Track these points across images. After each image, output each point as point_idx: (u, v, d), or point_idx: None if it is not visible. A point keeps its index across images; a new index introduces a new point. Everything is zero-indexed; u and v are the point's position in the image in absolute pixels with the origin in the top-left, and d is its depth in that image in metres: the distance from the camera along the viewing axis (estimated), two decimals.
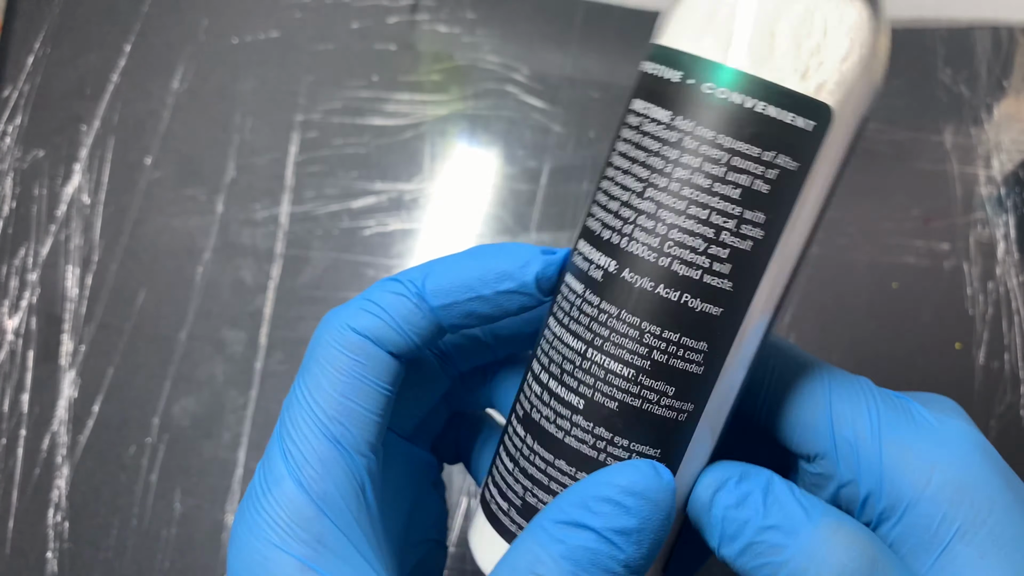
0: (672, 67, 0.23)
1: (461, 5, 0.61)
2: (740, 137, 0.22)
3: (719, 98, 0.22)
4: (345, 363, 0.27)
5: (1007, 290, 0.56)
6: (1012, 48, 0.61)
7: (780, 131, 0.22)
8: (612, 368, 0.24)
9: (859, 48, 0.22)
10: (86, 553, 0.50)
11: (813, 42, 0.22)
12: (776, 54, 0.21)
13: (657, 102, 0.23)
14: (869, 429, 0.26)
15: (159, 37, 0.60)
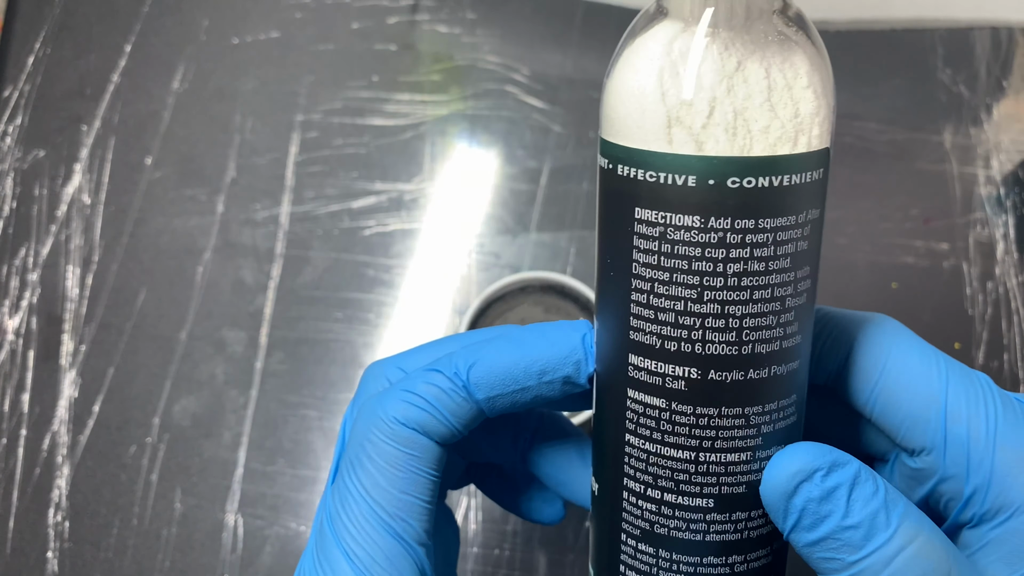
0: (677, 171, 0.22)
1: (461, 5, 0.61)
2: (779, 214, 0.22)
3: (748, 188, 0.22)
4: (400, 458, 0.27)
5: (1006, 290, 0.56)
6: (1012, 48, 0.61)
7: (805, 191, 0.23)
8: (730, 460, 0.24)
9: (819, 87, 0.23)
10: (86, 552, 0.50)
11: (791, 108, 0.22)
12: (773, 130, 0.22)
13: (676, 209, 0.22)
14: (984, 430, 0.25)
15: (159, 37, 0.60)
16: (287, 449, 0.52)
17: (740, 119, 0.22)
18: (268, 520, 0.51)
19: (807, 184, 0.23)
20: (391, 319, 0.55)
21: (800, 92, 0.22)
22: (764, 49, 0.22)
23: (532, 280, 0.48)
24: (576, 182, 0.57)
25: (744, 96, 0.22)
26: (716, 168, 0.22)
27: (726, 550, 0.25)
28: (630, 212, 0.23)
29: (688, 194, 0.22)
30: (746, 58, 0.22)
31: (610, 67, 0.24)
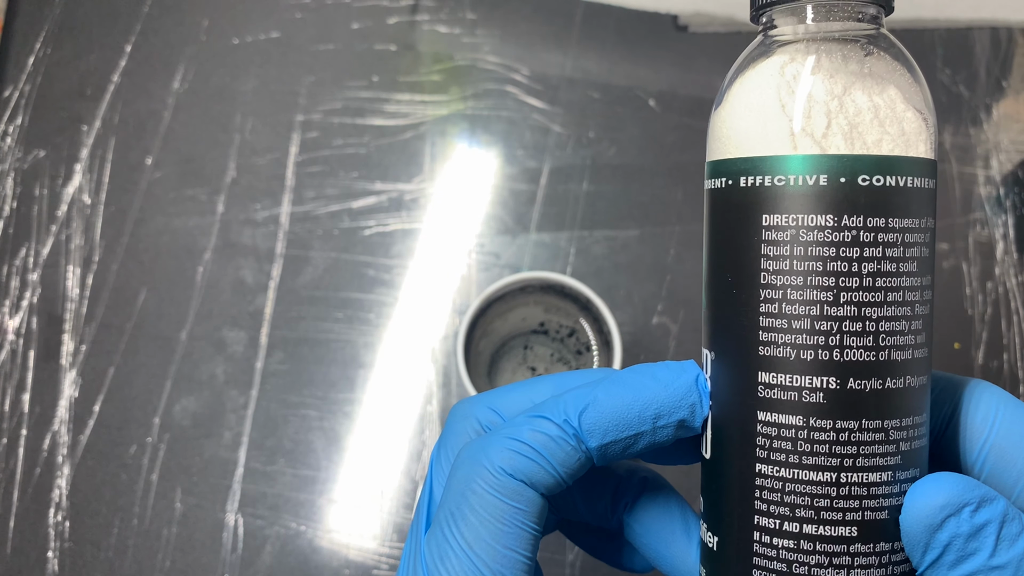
0: (808, 172, 0.23)
1: (461, 6, 0.61)
2: (906, 215, 0.23)
3: (877, 186, 0.23)
4: (505, 511, 0.25)
5: (1006, 290, 0.56)
6: (1011, 48, 0.61)
7: (925, 196, 0.24)
8: (872, 480, 0.23)
9: (920, 108, 0.25)
10: (87, 552, 0.50)
11: (897, 126, 0.24)
12: (885, 143, 0.24)
13: (809, 210, 0.23)
14: None
15: (160, 37, 0.60)
16: (287, 449, 0.52)
17: (855, 131, 0.23)
18: (268, 520, 0.51)
19: (925, 190, 0.24)
20: (391, 319, 0.55)
21: (902, 113, 0.24)
22: (863, 80, 0.24)
23: (532, 280, 0.48)
24: (576, 182, 0.57)
25: (855, 112, 0.23)
26: (845, 165, 0.23)
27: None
28: (757, 221, 0.24)
29: (820, 193, 0.23)
30: (850, 85, 0.24)
31: (721, 95, 0.26)
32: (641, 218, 0.57)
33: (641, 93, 0.59)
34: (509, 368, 0.52)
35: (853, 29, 0.25)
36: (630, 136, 0.58)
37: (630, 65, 0.60)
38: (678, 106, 0.59)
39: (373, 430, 0.53)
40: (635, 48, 0.60)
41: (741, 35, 0.60)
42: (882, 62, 0.25)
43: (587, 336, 0.50)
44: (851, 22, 0.25)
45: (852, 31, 0.25)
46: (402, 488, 0.52)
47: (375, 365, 0.54)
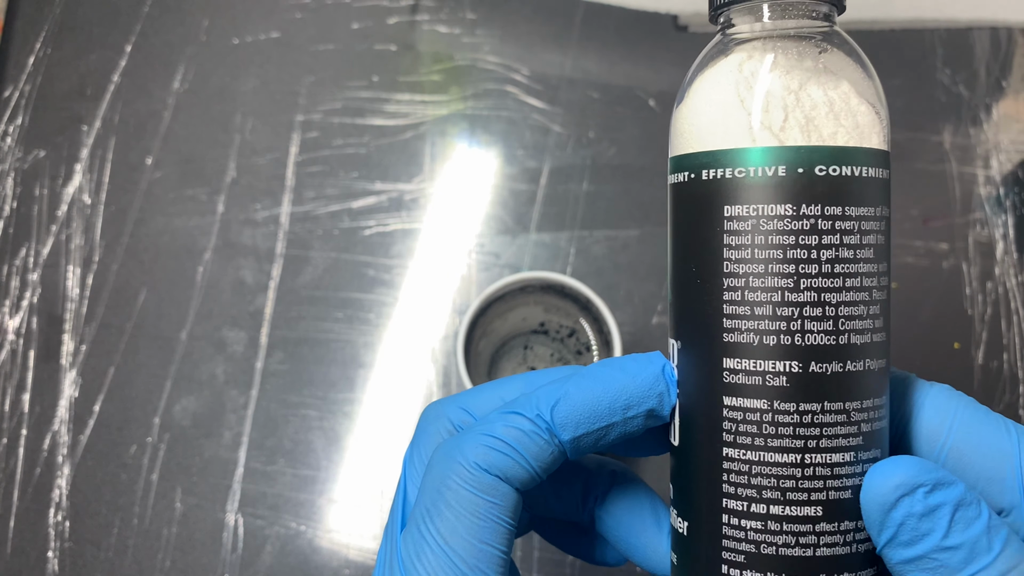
0: (767, 163, 0.24)
1: (461, 6, 0.61)
2: (862, 203, 0.24)
3: (834, 176, 0.24)
4: (481, 506, 0.26)
5: (1006, 290, 0.56)
6: (1011, 48, 0.61)
7: (879, 186, 0.25)
8: (835, 460, 0.24)
9: (872, 102, 0.26)
10: (87, 552, 0.50)
11: (851, 119, 0.25)
12: (840, 135, 0.25)
13: (769, 199, 0.24)
14: None
15: (160, 38, 0.60)
16: (287, 449, 0.52)
17: (812, 124, 0.24)
18: (268, 520, 0.51)
19: (879, 180, 0.25)
20: (391, 319, 0.55)
21: (856, 106, 0.25)
22: (818, 75, 0.25)
23: (532, 280, 0.48)
24: (576, 182, 0.57)
25: (810, 107, 0.25)
26: (803, 156, 0.24)
27: (835, 567, 0.24)
28: (719, 212, 0.25)
29: (779, 183, 0.24)
30: (806, 80, 0.25)
31: (682, 93, 0.27)
32: (641, 218, 0.57)
33: (641, 93, 0.59)
34: (509, 368, 0.52)
35: (807, 26, 0.26)
36: (630, 136, 0.58)
37: (630, 65, 0.60)
38: None
39: (373, 430, 0.53)
40: (635, 48, 0.60)
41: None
42: (836, 58, 0.26)
43: (587, 336, 0.50)
44: (805, 20, 0.26)
45: (806, 28, 0.26)
46: None
47: (375, 365, 0.54)
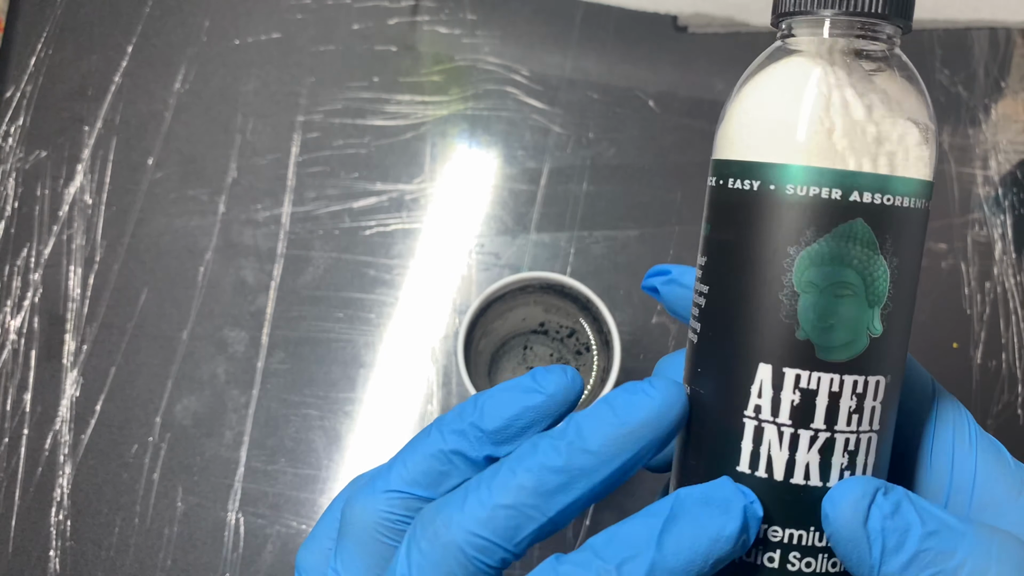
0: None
1: (461, 6, 0.61)
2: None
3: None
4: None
5: (1004, 290, 0.56)
6: (1010, 49, 0.62)
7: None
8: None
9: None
10: (88, 551, 0.50)
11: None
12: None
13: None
14: (967, 440, 0.26)
15: (161, 38, 0.60)
16: (288, 448, 0.53)
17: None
18: (269, 519, 0.51)
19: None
20: (392, 319, 0.55)
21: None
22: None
23: (532, 280, 0.49)
24: (576, 182, 0.58)
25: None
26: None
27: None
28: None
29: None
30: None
31: (734, 95, 0.27)
32: (641, 218, 0.57)
33: (641, 94, 0.59)
34: (509, 368, 0.52)
35: (868, 46, 0.25)
36: (630, 137, 0.58)
37: (630, 66, 0.60)
38: (677, 107, 0.59)
39: (374, 429, 0.53)
40: (635, 49, 0.60)
41: (740, 36, 0.60)
42: (893, 82, 0.25)
43: (587, 336, 0.50)
44: (867, 40, 0.25)
45: (867, 48, 0.25)
46: None
47: (376, 365, 0.54)
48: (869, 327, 0.25)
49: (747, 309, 0.25)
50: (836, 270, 0.25)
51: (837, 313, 0.25)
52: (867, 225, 0.24)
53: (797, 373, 0.25)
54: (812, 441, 0.25)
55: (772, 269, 0.25)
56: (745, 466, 0.25)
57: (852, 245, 0.25)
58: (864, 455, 0.25)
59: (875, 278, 0.25)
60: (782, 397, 0.25)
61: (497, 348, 0.52)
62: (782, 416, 0.25)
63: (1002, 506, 0.25)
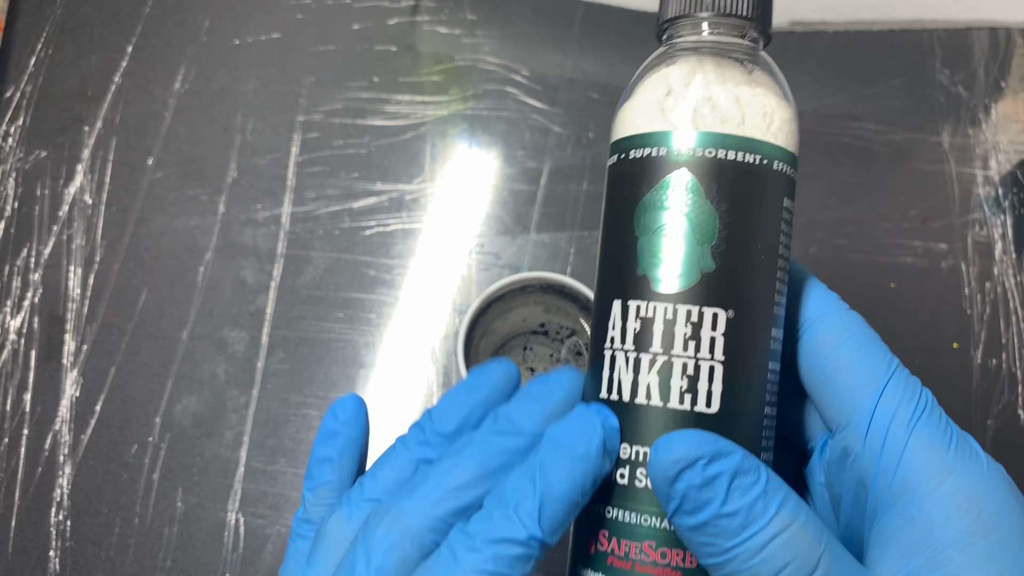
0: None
1: (461, 7, 0.61)
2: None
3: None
4: None
5: (1004, 290, 0.56)
6: (1010, 49, 0.62)
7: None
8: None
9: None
10: (88, 551, 0.50)
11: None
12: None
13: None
14: (907, 420, 0.27)
15: (161, 38, 0.60)
16: (288, 448, 0.52)
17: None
18: (269, 519, 0.51)
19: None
20: (392, 319, 0.55)
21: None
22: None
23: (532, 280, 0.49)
24: (576, 182, 0.58)
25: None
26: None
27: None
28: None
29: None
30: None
31: (627, 93, 0.32)
32: None
33: None
34: None
35: (734, 45, 0.30)
36: None
37: (630, 66, 0.60)
38: None
39: (373, 429, 0.53)
40: (635, 49, 0.60)
41: None
42: (758, 72, 0.30)
43: (587, 337, 0.50)
44: (734, 39, 0.30)
45: (733, 47, 0.30)
46: None
47: (376, 365, 0.54)
48: (700, 263, 0.28)
49: (608, 257, 0.29)
50: (663, 213, 0.28)
51: (665, 249, 0.28)
52: (692, 174, 0.28)
53: (638, 304, 0.28)
54: (651, 364, 0.27)
55: (622, 221, 0.29)
56: (604, 392, 0.28)
57: (677, 192, 0.28)
58: (707, 382, 0.27)
59: (701, 220, 0.28)
60: (627, 326, 0.28)
61: (497, 348, 0.52)
62: (628, 343, 0.28)
63: (918, 493, 0.26)
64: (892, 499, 0.27)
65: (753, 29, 0.30)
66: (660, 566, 0.27)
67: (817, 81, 0.60)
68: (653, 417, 0.27)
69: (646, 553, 0.27)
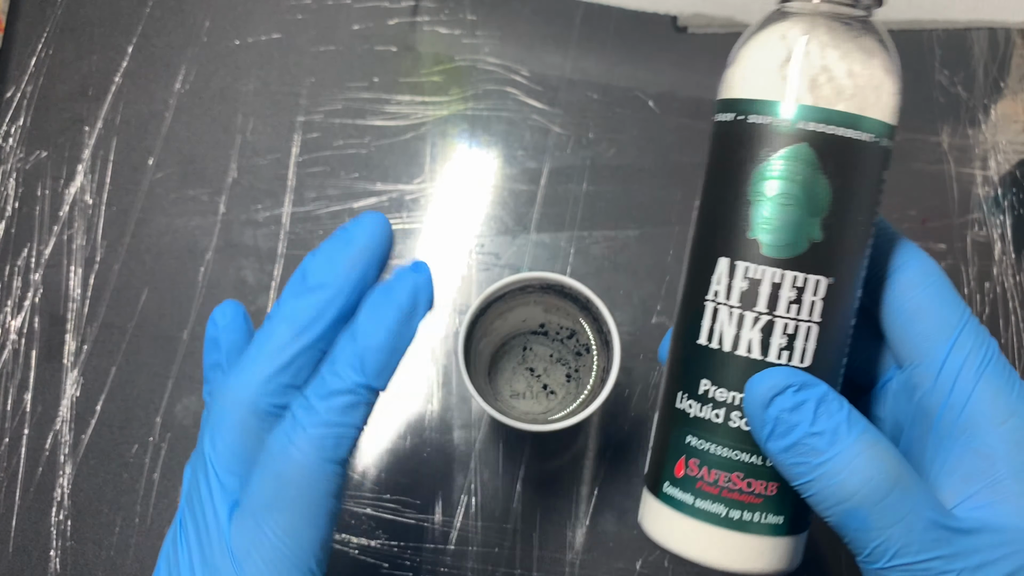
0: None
1: (461, 7, 0.61)
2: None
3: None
4: (322, 495, 0.30)
5: (1004, 290, 0.56)
6: (1009, 49, 0.62)
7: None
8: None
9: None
10: (89, 551, 0.51)
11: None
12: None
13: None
14: (976, 366, 0.30)
15: (161, 39, 0.60)
16: None
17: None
18: None
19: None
20: None
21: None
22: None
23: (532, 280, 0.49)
24: (576, 183, 0.58)
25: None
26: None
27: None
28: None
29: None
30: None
31: (735, 50, 0.33)
32: (640, 218, 0.57)
33: (640, 94, 0.59)
34: (509, 368, 0.52)
35: (847, 12, 0.31)
36: (629, 137, 0.58)
37: (629, 66, 0.60)
38: (677, 107, 0.59)
39: (373, 429, 0.53)
40: (634, 49, 0.61)
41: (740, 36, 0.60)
42: (868, 40, 0.31)
43: (587, 337, 0.50)
44: (845, 6, 0.31)
45: (846, 14, 0.31)
46: (402, 487, 0.52)
47: None
48: (810, 234, 0.30)
49: (716, 215, 0.31)
50: (781, 183, 0.30)
51: (779, 218, 0.30)
52: (811, 148, 0.30)
53: (747, 265, 0.30)
54: (755, 321, 0.30)
55: (736, 183, 0.31)
56: (704, 339, 0.31)
57: (795, 163, 0.30)
58: (803, 340, 0.30)
59: (816, 192, 0.30)
60: (733, 284, 0.31)
61: (497, 348, 0.52)
62: (733, 299, 0.31)
63: (981, 429, 0.30)
64: (957, 433, 0.30)
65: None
66: (745, 493, 0.31)
67: None
68: (752, 368, 0.30)
69: (733, 482, 0.31)
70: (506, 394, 0.50)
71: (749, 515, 0.31)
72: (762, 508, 0.31)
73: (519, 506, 0.51)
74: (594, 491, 0.52)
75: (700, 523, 0.31)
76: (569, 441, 0.53)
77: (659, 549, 0.35)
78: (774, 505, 0.31)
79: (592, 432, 0.53)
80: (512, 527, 0.51)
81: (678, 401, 0.32)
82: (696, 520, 0.31)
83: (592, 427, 0.53)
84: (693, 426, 0.31)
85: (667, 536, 0.32)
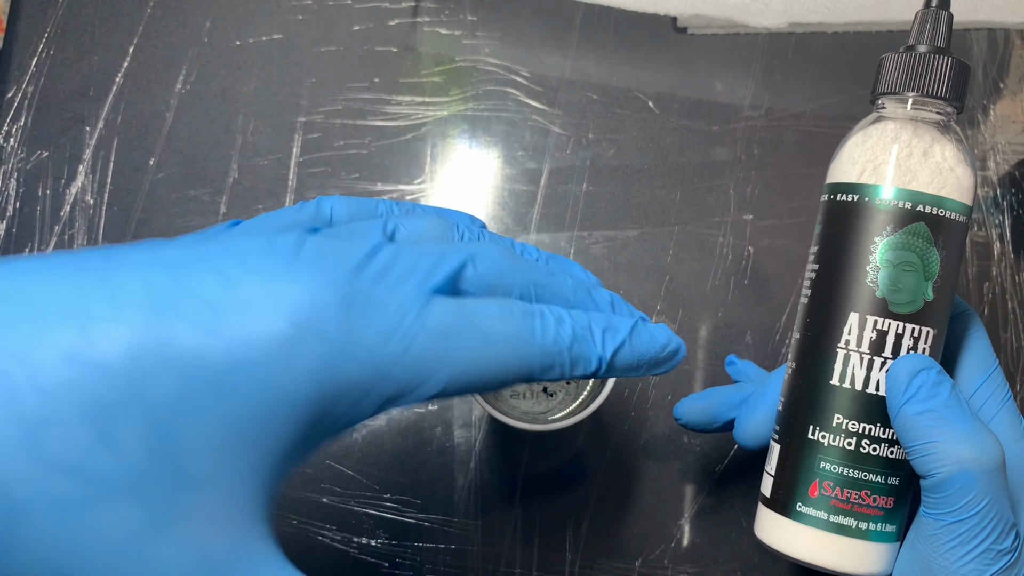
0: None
1: (462, 7, 0.61)
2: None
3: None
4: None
5: (1003, 290, 0.57)
6: (1008, 50, 0.62)
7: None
8: None
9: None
10: None
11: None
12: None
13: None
14: (1002, 397, 0.40)
15: (162, 39, 0.60)
16: None
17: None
18: None
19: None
20: None
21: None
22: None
23: None
24: (576, 183, 0.58)
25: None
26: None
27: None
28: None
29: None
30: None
31: (841, 146, 0.42)
32: (640, 219, 0.57)
33: (640, 95, 0.60)
34: None
35: (932, 118, 0.39)
36: (629, 137, 0.59)
37: (629, 67, 0.60)
38: (677, 108, 0.59)
39: (373, 429, 0.53)
40: (634, 50, 0.61)
41: (740, 37, 0.61)
42: (954, 138, 0.39)
43: None
44: (932, 113, 0.39)
45: (931, 119, 0.39)
46: (402, 487, 0.52)
47: None
48: (924, 294, 0.38)
49: (845, 277, 0.38)
50: (904, 253, 0.37)
51: (903, 281, 0.37)
52: (926, 226, 0.37)
53: (875, 319, 0.38)
54: (883, 365, 0.38)
55: (864, 251, 0.38)
56: (836, 380, 0.38)
57: (915, 238, 0.37)
58: None
59: (930, 261, 0.38)
60: (864, 334, 0.38)
61: None
62: (863, 347, 0.38)
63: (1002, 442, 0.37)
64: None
65: (955, 104, 0.39)
66: (872, 507, 0.38)
67: (816, 81, 0.60)
68: (880, 403, 0.38)
69: (862, 498, 0.38)
70: (506, 394, 0.51)
71: (874, 526, 0.38)
72: (883, 520, 0.38)
73: (519, 506, 0.51)
74: (594, 491, 0.52)
75: (833, 535, 0.38)
76: (569, 441, 0.53)
77: (776, 557, 0.40)
78: (891, 516, 0.38)
79: (592, 432, 0.53)
80: (512, 527, 0.51)
81: (810, 433, 0.39)
82: (830, 533, 0.38)
83: (592, 427, 0.53)
84: (826, 454, 0.38)
85: (800, 548, 0.38)
